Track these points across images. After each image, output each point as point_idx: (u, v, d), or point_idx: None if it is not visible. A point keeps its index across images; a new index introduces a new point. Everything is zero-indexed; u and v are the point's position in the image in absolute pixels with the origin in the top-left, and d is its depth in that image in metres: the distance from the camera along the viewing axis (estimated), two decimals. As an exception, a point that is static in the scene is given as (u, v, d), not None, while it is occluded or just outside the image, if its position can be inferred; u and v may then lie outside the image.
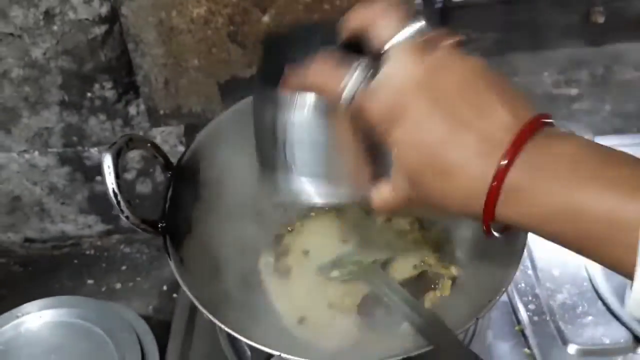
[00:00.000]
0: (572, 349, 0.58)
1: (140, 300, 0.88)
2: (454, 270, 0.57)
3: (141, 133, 0.81)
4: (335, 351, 0.53)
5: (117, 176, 0.51)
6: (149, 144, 0.56)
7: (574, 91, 0.80)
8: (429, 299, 0.55)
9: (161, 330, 0.70)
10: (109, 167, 0.50)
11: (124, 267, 0.92)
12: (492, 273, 0.51)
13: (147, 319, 0.76)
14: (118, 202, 0.51)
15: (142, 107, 0.78)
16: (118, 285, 0.90)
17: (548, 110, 0.70)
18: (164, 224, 0.54)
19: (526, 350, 0.58)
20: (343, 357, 0.53)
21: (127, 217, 0.51)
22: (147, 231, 0.53)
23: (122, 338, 0.70)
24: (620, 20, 0.75)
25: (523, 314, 0.60)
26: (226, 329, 0.48)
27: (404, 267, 0.58)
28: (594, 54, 0.78)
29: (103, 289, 0.90)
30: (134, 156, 0.86)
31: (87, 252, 0.95)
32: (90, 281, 0.91)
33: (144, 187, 0.88)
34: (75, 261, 0.94)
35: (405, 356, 0.45)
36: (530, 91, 0.79)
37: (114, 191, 0.50)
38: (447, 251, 0.60)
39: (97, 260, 0.94)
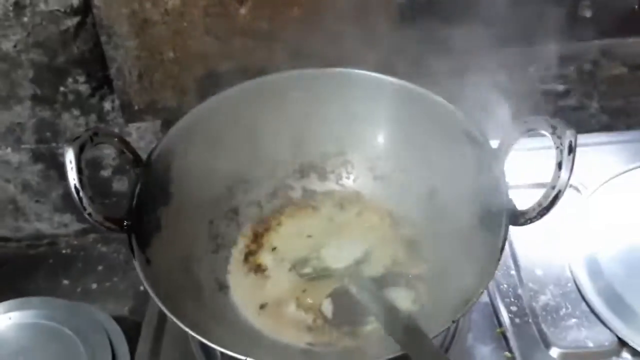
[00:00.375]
0: (554, 352, 0.56)
1: (116, 301, 0.86)
2: (425, 269, 0.55)
3: (116, 129, 0.79)
4: (305, 352, 0.51)
5: (80, 171, 0.48)
6: (116, 139, 0.54)
7: (561, 87, 0.78)
8: (402, 298, 0.53)
9: (136, 332, 0.67)
10: (70, 161, 0.48)
11: (100, 267, 0.90)
12: (470, 273, 0.49)
13: (122, 320, 0.74)
14: (80, 199, 0.48)
15: (117, 102, 0.76)
16: (94, 286, 0.88)
17: (535, 106, 0.67)
18: (129, 222, 0.51)
19: (507, 353, 0.56)
20: (312, 357, 0.51)
21: (89, 215, 0.49)
22: (111, 229, 0.50)
23: (92, 339, 0.69)
24: (608, 15, 0.74)
25: (504, 316, 0.58)
26: (191, 332, 0.46)
27: (374, 265, 0.57)
28: (582, 50, 0.76)
29: (79, 290, 0.88)
30: (109, 153, 0.83)
31: (63, 252, 0.93)
32: (65, 281, 0.89)
33: (120, 185, 0.86)
34: (51, 261, 0.92)
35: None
36: (517, 87, 0.77)
37: (75, 187, 0.48)
38: (419, 248, 0.58)
39: (73, 260, 0.92)
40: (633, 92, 0.78)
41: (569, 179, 0.46)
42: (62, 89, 0.75)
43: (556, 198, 0.47)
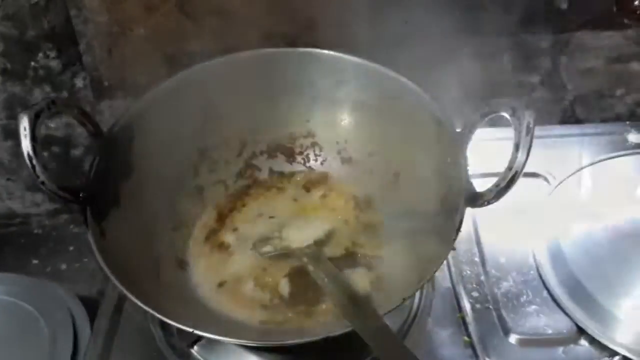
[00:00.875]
0: (512, 338, 0.56)
1: (85, 282, 0.85)
2: (384, 252, 0.55)
3: (88, 107, 0.78)
4: (257, 329, 0.51)
5: (34, 139, 0.48)
6: (75, 109, 0.53)
7: (535, 78, 0.78)
8: (360, 279, 0.53)
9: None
10: (25, 128, 0.48)
11: (71, 248, 0.89)
12: (427, 255, 0.49)
13: (89, 300, 0.74)
14: (33, 167, 0.48)
15: (89, 79, 0.76)
16: (63, 266, 0.88)
17: (508, 97, 0.67)
18: (85, 194, 0.51)
19: (465, 338, 0.56)
20: (265, 335, 0.50)
21: (42, 183, 0.48)
22: (66, 199, 0.50)
23: (55, 318, 0.68)
24: (583, 7, 0.73)
25: (465, 302, 0.58)
26: (142, 305, 0.46)
27: (335, 247, 0.56)
28: (556, 41, 0.76)
29: (48, 269, 0.87)
30: (81, 131, 0.82)
31: (35, 231, 0.92)
32: (35, 261, 0.88)
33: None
34: (22, 240, 0.91)
35: (325, 336, 0.43)
36: (491, 77, 0.76)
37: (29, 154, 0.47)
38: (380, 231, 0.57)
39: (45, 239, 0.91)
40: (606, 85, 0.78)
41: (526, 159, 0.46)
42: (32, 64, 0.74)
43: (513, 179, 0.46)
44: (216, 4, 0.69)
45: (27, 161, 0.48)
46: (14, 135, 0.81)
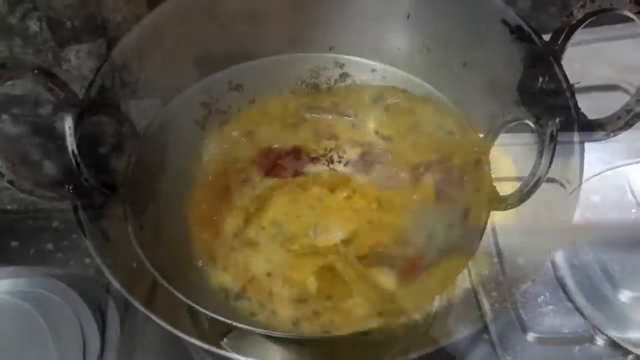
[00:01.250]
0: (530, 336, 0.58)
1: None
2: (408, 252, 0.57)
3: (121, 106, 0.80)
4: (287, 324, 0.53)
5: (77, 137, 0.50)
6: (114, 109, 0.55)
7: (551, 85, 0.80)
8: (385, 278, 0.55)
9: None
10: (69, 127, 0.50)
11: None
12: (451, 257, 0.51)
13: (118, 293, 0.76)
14: (78, 164, 0.50)
15: (118, 79, 0.78)
16: (87, 260, 0.90)
17: (524, 103, 0.68)
18: (124, 190, 0.53)
19: (485, 335, 0.58)
20: (296, 329, 0.52)
21: (85, 180, 0.50)
22: (106, 195, 0.52)
23: (82, 308, 0.70)
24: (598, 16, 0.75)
25: (485, 301, 0.60)
26: (182, 297, 0.48)
27: (360, 246, 0.58)
28: (570, 50, 0.78)
29: (71, 262, 0.89)
30: (108, 129, 0.85)
31: (58, 226, 0.94)
32: (59, 254, 0.90)
33: (120, 163, 0.87)
34: (44, 234, 0.93)
35: (358, 330, 0.45)
36: (507, 83, 0.78)
37: (73, 152, 0.50)
38: (404, 232, 0.59)
39: (68, 234, 0.93)
40: (621, 91, 0.80)
41: (549, 166, 0.48)
42: (63, 63, 0.76)
43: (536, 185, 0.49)
44: (244, 9, 0.71)
45: (72, 158, 0.50)
46: (42, 132, 0.84)
